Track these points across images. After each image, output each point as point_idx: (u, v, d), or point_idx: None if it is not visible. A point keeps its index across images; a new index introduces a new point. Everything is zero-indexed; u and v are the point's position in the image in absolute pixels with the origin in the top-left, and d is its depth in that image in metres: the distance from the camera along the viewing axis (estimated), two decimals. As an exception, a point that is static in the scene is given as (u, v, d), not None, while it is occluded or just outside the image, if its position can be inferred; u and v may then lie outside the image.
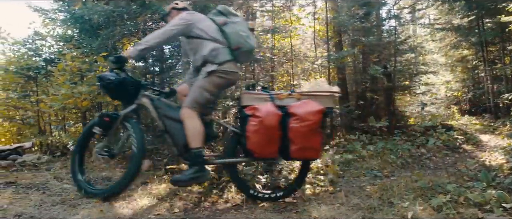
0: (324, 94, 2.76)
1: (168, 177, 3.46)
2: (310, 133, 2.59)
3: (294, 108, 2.65)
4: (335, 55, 5.45)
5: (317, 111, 2.59)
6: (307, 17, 7.06)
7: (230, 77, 2.75)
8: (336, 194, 2.96)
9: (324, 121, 2.70)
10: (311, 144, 2.63)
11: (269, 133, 2.59)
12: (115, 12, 4.23)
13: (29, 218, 2.43)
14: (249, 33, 2.82)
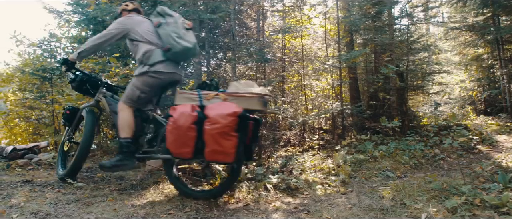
0: (249, 96, 2.69)
1: (180, 176, 3.49)
2: (220, 137, 2.54)
3: (208, 110, 2.64)
4: (347, 55, 5.40)
5: (229, 114, 2.53)
6: (318, 16, 7.02)
7: (163, 76, 2.88)
8: (348, 194, 2.94)
9: (243, 124, 2.58)
10: (223, 148, 2.57)
11: (182, 134, 2.63)
12: (127, 13, 4.28)
13: (45, 215, 2.48)
14: (182, 33, 2.86)
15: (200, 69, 4.82)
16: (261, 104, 2.71)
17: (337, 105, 5.26)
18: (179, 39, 2.82)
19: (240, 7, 5.04)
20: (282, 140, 5.31)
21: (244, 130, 2.61)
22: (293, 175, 3.51)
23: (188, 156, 2.70)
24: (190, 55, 3.01)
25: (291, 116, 5.13)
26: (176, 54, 2.86)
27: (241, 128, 2.56)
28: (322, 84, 6.64)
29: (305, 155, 4.58)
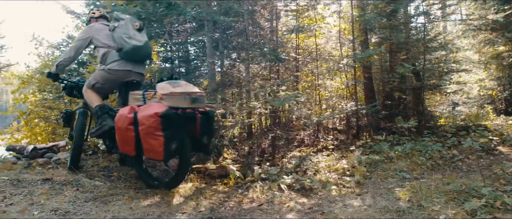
0: (175, 94, 2.78)
1: (194, 176, 3.52)
2: (147, 136, 2.70)
3: (138, 112, 2.80)
4: (361, 54, 5.33)
5: (150, 115, 2.66)
6: (332, 15, 6.96)
7: (117, 73, 3.25)
8: (363, 195, 2.90)
9: (171, 121, 2.67)
10: (152, 147, 2.72)
11: (123, 134, 2.86)
12: (142, 15, 4.35)
13: (64, 213, 2.55)
14: (131, 33, 3.17)
15: (214, 69, 4.85)
16: (188, 101, 2.80)
17: (351, 105, 5.20)
18: (129, 39, 3.14)
19: (253, 7, 5.04)
20: (296, 140, 5.29)
21: (178, 126, 2.73)
22: (307, 175, 3.49)
23: (132, 153, 2.92)
24: (142, 53, 3.25)
25: (305, 116, 5.10)
26: (127, 53, 3.16)
27: (169, 126, 2.67)
28: (336, 84, 6.58)
29: (319, 155, 4.55)
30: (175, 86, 2.87)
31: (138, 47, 3.16)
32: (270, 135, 4.36)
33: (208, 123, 3.00)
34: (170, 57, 5.54)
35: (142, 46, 3.18)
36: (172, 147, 2.72)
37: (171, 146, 2.71)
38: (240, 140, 4.92)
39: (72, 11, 5.79)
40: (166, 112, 2.65)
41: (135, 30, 3.22)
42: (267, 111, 4.47)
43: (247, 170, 3.54)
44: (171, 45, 5.10)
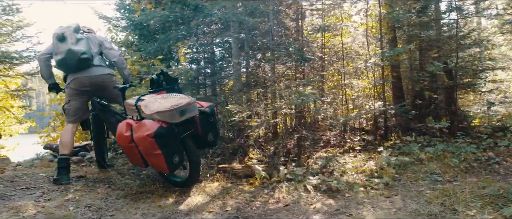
0: (165, 112, 2.71)
1: (220, 175, 3.56)
2: (148, 156, 2.73)
3: (134, 130, 2.75)
4: (389, 52, 5.18)
5: (144, 137, 2.64)
6: (359, 13, 6.81)
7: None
8: (392, 198, 2.82)
9: (162, 140, 2.66)
10: (156, 163, 2.75)
11: (126, 150, 2.89)
12: (170, 17, 4.45)
13: (97, 209, 2.66)
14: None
15: (239, 69, 4.88)
16: (177, 116, 2.76)
17: (379, 104, 5.06)
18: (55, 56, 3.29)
19: (278, 7, 5.03)
20: (322, 141, 5.22)
21: (175, 138, 2.77)
22: (334, 176, 3.44)
23: (143, 166, 2.96)
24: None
25: (331, 116, 5.03)
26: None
27: (165, 142, 2.67)
28: (363, 84, 6.43)
29: (345, 156, 4.47)
30: (160, 100, 2.84)
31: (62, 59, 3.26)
32: (296, 135, 4.33)
33: (208, 121, 3.07)
34: (196, 58, 5.63)
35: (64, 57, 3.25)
36: (175, 159, 2.76)
37: (174, 159, 2.75)
38: (266, 140, 4.93)
39: (104, 16, 6.03)
40: (157, 131, 2.64)
41: (58, 42, 3.26)
42: (292, 111, 4.44)
43: (273, 170, 3.54)
44: (198, 46, 5.19)
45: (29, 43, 10.36)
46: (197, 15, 4.65)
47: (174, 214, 2.54)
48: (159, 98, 2.88)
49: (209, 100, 5.37)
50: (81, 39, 3.38)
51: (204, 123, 3.06)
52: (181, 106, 2.77)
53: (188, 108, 2.82)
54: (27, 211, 2.56)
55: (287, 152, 4.50)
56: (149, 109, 2.75)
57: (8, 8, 6.01)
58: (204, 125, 3.06)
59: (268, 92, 5.01)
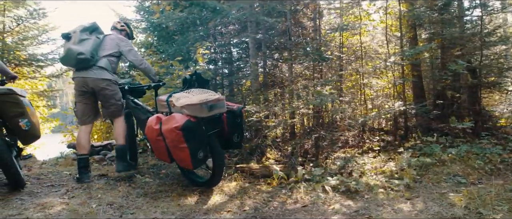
0: (194, 105, 2.74)
1: (238, 175, 3.58)
2: (174, 149, 2.73)
3: (163, 123, 2.77)
4: (410, 51, 5.06)
5: (171, 129, 2.66)
6: (378, 12, 6.68)
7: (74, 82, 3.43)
8: (413, 200, 2.76)
9: (194, 132, 2.70)
10: (181, 157, 2.76)
11: (154, 144, 2.91)
12: (188, 19, 4.51)
13: (119, 206, 2.72)
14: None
15: (257, 69, 4.89)
16: (206, 110, 2.77)
17: (399, 104, 4.96)
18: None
19: (295, 7, 5.01)
20: (340, 141, 5.16)
21: (202, 134, 2.80)
22: (353, 177, 3.39)
23: (168, 161, 2.97)
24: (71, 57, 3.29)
25: (349, 116, 4.97)
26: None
27: (192, 137, 2.69)
28: (382, 83, 6.32)
29: (364, 157, 4.40)
30: (191, 95, 2.90)
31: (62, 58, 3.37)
32: (314, 135, 4.30)
33: (235, 121, 3.07)
34: (214, 58, 5.68)
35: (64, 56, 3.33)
36: (199, 155, 2.78)
37: (199, 154, 2.77)
38: (283, 140, 4.91)
39: (124, 18, 6.16)
40: (185, 125, 2.66)
41: (64, 41, 3.39)
42: (310, 111, 4.41)
43: (291, 171, 3.53)
44: (215, 47, 5.23)
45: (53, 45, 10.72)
46: (215, 16, 4.69)
47: (193, 213, 2.57)
48: (190, 94, 2.95)
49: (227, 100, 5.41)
50: (86, 39, 3.39)
51: (231, 123, 3.08)
52: (210, 100, 2.82)
53: (217, 104, 2.86)
54: (53, 208, 2.65)
55: (305, 152, 4.48)
56: (179, 102, 2.81)
57: (35, 12, 6.25)
58: (231, 125, 3.08)
59: (286, 92, 4.99)
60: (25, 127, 2.96)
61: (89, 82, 3.37)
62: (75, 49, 3.26)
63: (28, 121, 2.98)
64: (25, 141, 3.13)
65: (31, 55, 6.43)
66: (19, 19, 6.31)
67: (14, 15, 6.33)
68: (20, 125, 2.94)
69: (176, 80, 4.48)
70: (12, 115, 2.92)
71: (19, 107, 2.95)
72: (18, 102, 2.96)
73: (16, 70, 6.45)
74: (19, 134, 3.02)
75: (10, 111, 2.92)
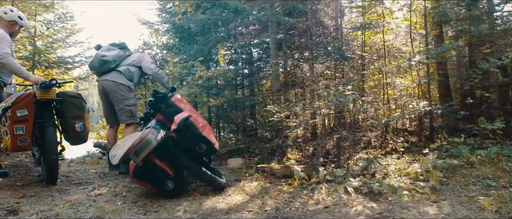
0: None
1: (259, 175, 3.59)
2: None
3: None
4: (436, 49, 4.90)
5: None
6: (402, 9, 6.51)
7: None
8: (440, 203, 2.68)
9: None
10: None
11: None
12: (210, 20, 4.55)
13: (143, 205, 2.79)
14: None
15: (278, 70, 4.88)
16: (136, 158, 2.80)
17: (424, 104, 4.81)
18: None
19: (317, 6, 4.96)
20: (362, 142, 5.07)
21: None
22: (376, 178, 3.33)
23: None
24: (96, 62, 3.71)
25: (372, 117, 4.86)
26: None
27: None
28: (406, 82, 6.15)
29: (388, 158, 4.30)
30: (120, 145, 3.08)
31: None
32: (335, 136, 4.24)
33: (185, 135, 2.97)
34: (234, 59, 5.71)
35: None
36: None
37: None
38: (304, 140, 4.88)
39: (146, 21, 6.30)
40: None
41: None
42: (331, 111, 4.36)
43: (312, 171, 3.50)
44: (236, 47, 5.26)
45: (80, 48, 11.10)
46: (236, 17, 4.71)
47: (214, 212, 2.60)
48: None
49: (248, 100, 5.42)
50: (112, 49, 3.84)
51: (183, 139, 3.02)
52: (133, 147, 2.76)
53: (141, 146, 2.79)
54: (81, 205, 2.75)
55: (327, 152, 4.43)
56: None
57: (63, 16, 6.52)
58: (183, 141, 3.02)
59: (307, 92, 4.95)
60: (79, 129, 3.22)
61: (105, 84, 3.70)
62: (101, 53, 3.69)
63: (83, 124, 3.24)
64: (75, 142, 3.37)
65: (60, 57, 6.69)
66: (48, 23, 6.59)
67: (43, 19, 6.61)
68: (76, 126, 3.20)
69: (198, 80, 4.54)
70: (72, 116, 3.19)
71: (81, 110, 3.24)
72: (82, 106, 3.26)
73: (46, 72, 6.73)
74: (72, 134, 3.27)
75: (72, 112, 3.20)
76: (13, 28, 3.41)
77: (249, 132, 5.25)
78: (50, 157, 3.08)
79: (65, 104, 3.21)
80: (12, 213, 2.50)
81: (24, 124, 2.96)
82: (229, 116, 5.61)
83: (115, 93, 3.67)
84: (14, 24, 3.41)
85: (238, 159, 4.25)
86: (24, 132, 2.97)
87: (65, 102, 3.21)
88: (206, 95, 4.77)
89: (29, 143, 3.05)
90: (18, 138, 2.96)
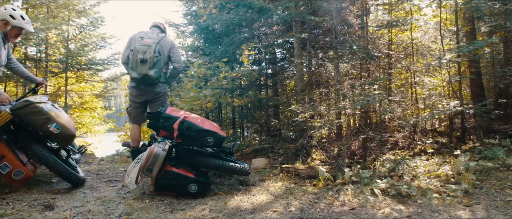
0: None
1: (283, 175, 3.58)
2: None
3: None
4: (468, 46, 4.70)
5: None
6: (430, 5, 6.29)
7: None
8: (473, 207, 2.57)
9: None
10: None
11: None
12: (234, 20, 4.59)
13: (169, 203, 2.85)
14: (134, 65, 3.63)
15: (302, 69, 4.85)
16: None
17: (455, 104, 4.62)
18: (131, 70, 3.62)
19: (341, 4, 4.88)
20: (389, 142, 4.94)
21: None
22: (404, 180, 3.23)
23: None
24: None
25: (399, 117, 4.73)
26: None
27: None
28: (436, 81, 5.93)
29: (416, 159, 4.17)
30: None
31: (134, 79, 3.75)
32: (361, 136, 4.16)
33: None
34: (257, 59, 5.73)
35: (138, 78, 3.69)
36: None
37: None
38: (329, 141, 4.82)
39: (173, 23, 6.45)
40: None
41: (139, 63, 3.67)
42: (357, 111, 4.28)
43: (337, 172, 3.45)
44: (260, 48, 5.28)
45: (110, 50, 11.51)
46: (260, 17, 4.72)
47: (239, 212, 2.62)
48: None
49: (272, 100, 5.42)
50: (157, 61, 3.82)
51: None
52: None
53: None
54: (111, 202, 2.85)
55: (352, 153, 4.35)
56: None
57: (95, 21, 6.80)
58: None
59: (331, 92, 4.89)
60: (57, 131, 2.99)
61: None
62: (151, 75, 3.62)
63: (56, 124, 3.00)
64: (62, 143, 3.17)
65: (90, 60, 6.97)
66: (81, 27, 6.88)
67: (76, 24, 6.91)
68: (51, 130, 2.97)
69: (222, 81, 4.58)
70: (40, 123, 2.95)
71: (41, 114, 2.96)
72: (39, 110, 2.96)
73: (78, 74, 7.04)
74: (54, 138, 3.07)
75: (35, 120, 2.94)
76: (5, 28, 3.10)
77: (273, 132, 5.26)
78: (53, 169, 3.04)
79: (23, 118, 2.96)
80: (49, 209, 2.63)
81: (5, 161, 2.84)
82: (253, 116, 5.63)
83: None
84: (5, 23, 3.09)
85: (262, 159, 4.26)
86: (11, 166, 2.85)
87: (22, 117, 2.95)
88: (230, 96, 4.81)
89: (27, 170, 2.94)
90: (12, 174, 2.86)
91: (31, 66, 6.69)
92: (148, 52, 3.60)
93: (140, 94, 3.80)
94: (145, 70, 3.56)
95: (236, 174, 3.32)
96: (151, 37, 3.69)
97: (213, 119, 5.81)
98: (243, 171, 3.19)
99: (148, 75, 3.57)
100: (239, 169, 3.17)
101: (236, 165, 3.17)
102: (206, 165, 3.14)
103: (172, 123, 3.07)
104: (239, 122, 6.25)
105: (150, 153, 2.87)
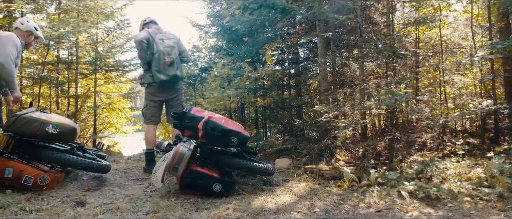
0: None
1: (307, 176, 3.55)
2: None
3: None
4: (502, 43, 4.48)
5: None
6: (461, 1, 6.05)
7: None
8: (509, 212, 2.45)
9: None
10: None
11: None
12: (257, 21, 4.60)
13: (194, 202, 2.90)
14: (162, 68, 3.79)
15: (326, 69, 4.79)
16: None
17: (488, 103, 4.41)
18: (158, 73, 3.72)
19: (366, 2, 4.78)
20: (417, 143, 4.79)
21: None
22: (433, 182, 3.13)
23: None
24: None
25: (427, 117, 4.57)
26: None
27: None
28: (466, 80, 5.69)
29: (446, 161, 4.02)
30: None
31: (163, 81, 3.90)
32: (387, 137, 4.06)
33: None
34: (280, 59, 5.72)
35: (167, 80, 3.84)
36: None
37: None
38: (354, 141, 4.73)
39: (197, 24, 6.56)
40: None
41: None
42: (383, 111, 4.18)
43: (363, 173, 3.38)
44: (283, 48, 5.26)
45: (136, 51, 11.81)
46: (283, 16, 4.71)
47: (263, 212, 2.62)
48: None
49: (295, 100, 5.39)
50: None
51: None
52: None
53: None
54: (138, 199, 2.93)
55: (378, 154, 4.25)
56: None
57: (121, 23, 7.02)
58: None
59: (356, 92, 4.80)
60: (56, 131, 3.03)
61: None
62: (179, 75, 3.84)
63: (53, 125, 3.03)
64: (66, 140, 3.24)
65: (118, 61, 7.19)
66: (108, 30, 7.12)
67: (104, 27, 7.16)
68: (51, 132, 3.01)
69: (245, 81, 4.60)
70: (37, 130, 2.98)
71: (33, 122, 2.99)
72: (29, 119, 2.98)
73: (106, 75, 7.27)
74: (56, 139, 3.13)
75: (31, 129, 2.98)
76: (29, 38, 3.44)
77: (296, 132, 5.23)
78: (75, 165, 3.17)
79: (19, 133, 2.98)
80: (80, 205, 2.74)
81: (25, 174, 2.87)
82: (276, 116, 5.62)
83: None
84: (30, 34, 3.43)
85: (286, 159, 4.25)
86: (33, 176, 2.89)
87: (18, 132, 2.98)
88: (254, 96, 4.82)
89: (51, 174, 3.00)
90: (38, 182, 2.92)
91: (63, 68, 6.98)
92: (173, 54, 3.71)
93: (161, 92, 3.91)
94: (173, 72, 3.72)
95: (260, 174, 3.33)
96: (170, 37, 3.83)
97: (237, 119, 5.85)
98: (267, 171, 3.19)
99: (177, 75, 3.74)
100: (263, 169, 3.17)
101: (260, 165, 3.18)
102: (230, 165, 3.17)
103: (197, 123, 3.11)
104: (262, 122, 6.26)
105: (176, 153, 2.93)
